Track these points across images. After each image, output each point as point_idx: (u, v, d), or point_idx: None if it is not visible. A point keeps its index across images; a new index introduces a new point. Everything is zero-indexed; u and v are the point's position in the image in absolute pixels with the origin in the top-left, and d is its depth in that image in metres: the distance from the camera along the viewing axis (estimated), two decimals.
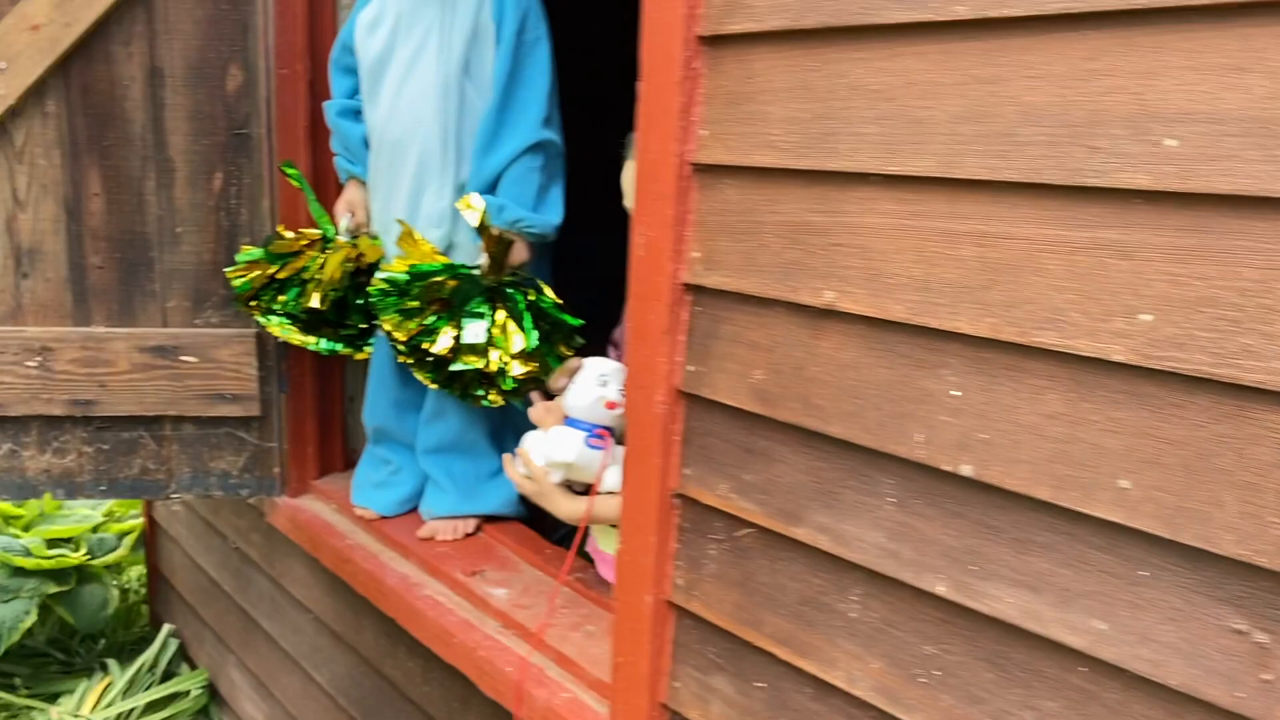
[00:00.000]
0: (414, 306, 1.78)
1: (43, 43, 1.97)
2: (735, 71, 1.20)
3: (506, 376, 1.81)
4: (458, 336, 1.77)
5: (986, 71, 0.97)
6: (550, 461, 1.57)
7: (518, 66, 1.82)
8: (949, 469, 1.04)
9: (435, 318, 1.80)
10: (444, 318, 1.80)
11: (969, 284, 1.00)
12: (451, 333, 1.78)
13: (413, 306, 1.78)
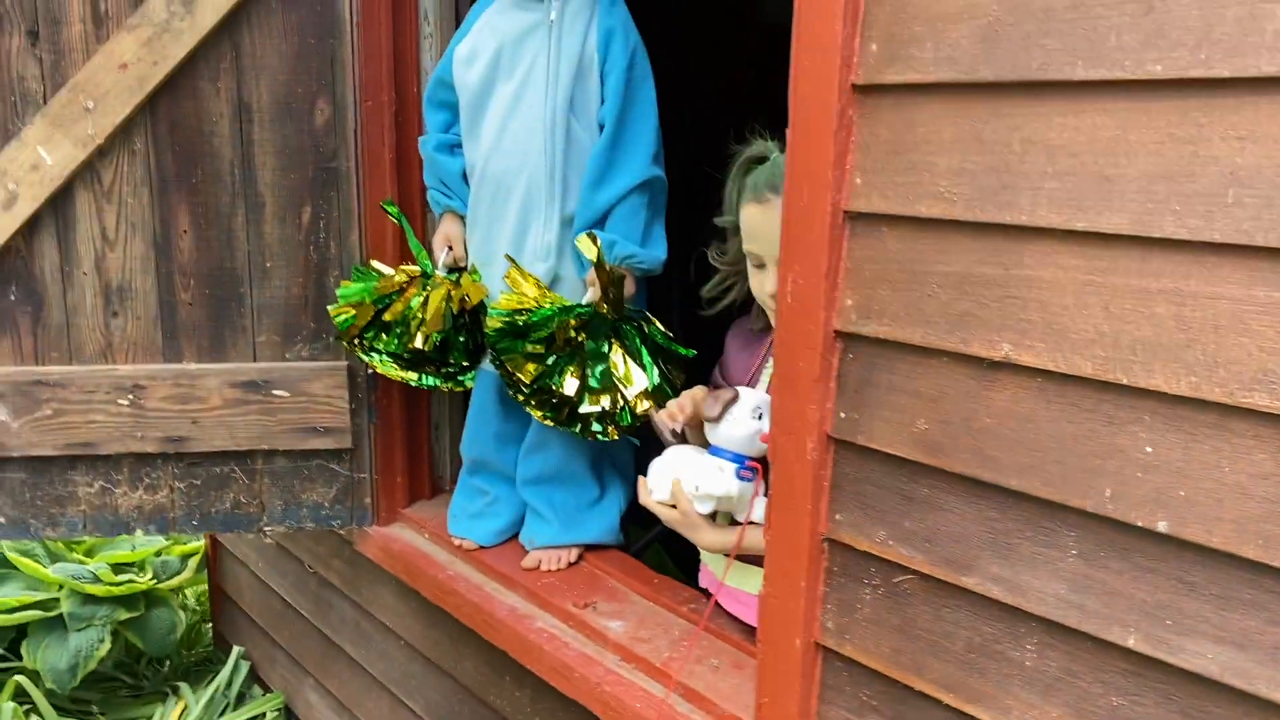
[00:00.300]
0: (537, 350, 1.77)
1: (131, 81, 1.97)
2: (894, 121, 1.20)
3: (627, 413, 1.81)
4: (584, 377, 1.77)
5: (1185, 131, 0.97)
6: (704, 493, 1.56)
7: (628, 103, 1.82)
8: (1142, 524, 1.04)
9: (556, 358, 1.79)
10: (564, 357, 1.80)
11: (1165, 342, 1.00)
12: (577, 374, 1.78)
13: (536, 350, 1.77)
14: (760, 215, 1.59)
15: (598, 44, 1.84)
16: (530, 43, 1.86)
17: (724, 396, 1.56)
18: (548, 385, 1.82)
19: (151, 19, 1.94)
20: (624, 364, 1.86)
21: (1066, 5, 1.03)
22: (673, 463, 1.63)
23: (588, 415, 1.84)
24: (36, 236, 2.03)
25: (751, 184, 1.60)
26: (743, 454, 1.58)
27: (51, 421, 2.10)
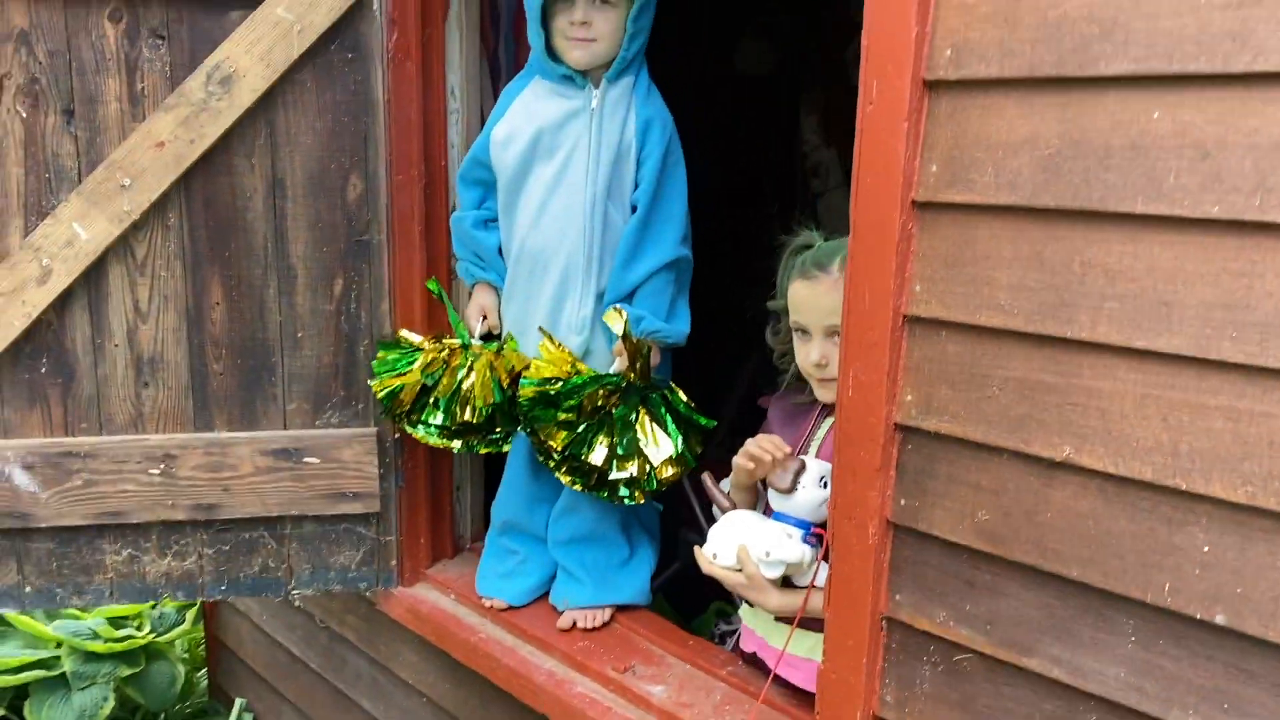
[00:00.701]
0: (569, 418, 1.84)
1: (167, 159, 2.00)
2: (954, 236, 1.30)
3: (653, 478, 1.89)
4: (613, 445, 1.85)
5: (1240, 266, 1.08)
6: (776, 559, 1.64)
7: (661, 187, 1.90)
8: (1200, 616, 1.14)
9: (586, 426, 1.86)
10: (594, 425, 1.87)
11: (1222, 454, 1.11)
12: (606, 441, 1.85)
13: (567, 418, 1.84)
14: (806, 289, 1.71)
15: (636, 132, 1.92)
16: (571, 128, 1.93)
17: (793, 466, 1.64)
18: (577, 453, 1.89)
19: (189, 99, 1.97)
20: (650, 431, 1.93)
21: (1126, 145, 1.14)
22: (737, 528, 1.70)
23: (616, 481, 1.91)
24: (69, 310, 2.05)
25: (799, 264, 1.73)
26: (808, 520, 1.66)
27: (81, 492, 2.11)
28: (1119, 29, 1.13)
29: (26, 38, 1.93)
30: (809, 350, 1.70)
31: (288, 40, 1.98)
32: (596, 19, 1.88)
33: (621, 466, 1.86)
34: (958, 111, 1.27)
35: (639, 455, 1.88)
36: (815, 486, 1.65)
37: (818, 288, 1.68)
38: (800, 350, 1.74)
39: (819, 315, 1.68)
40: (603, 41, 1.90)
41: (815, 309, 1.69)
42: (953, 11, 1.25)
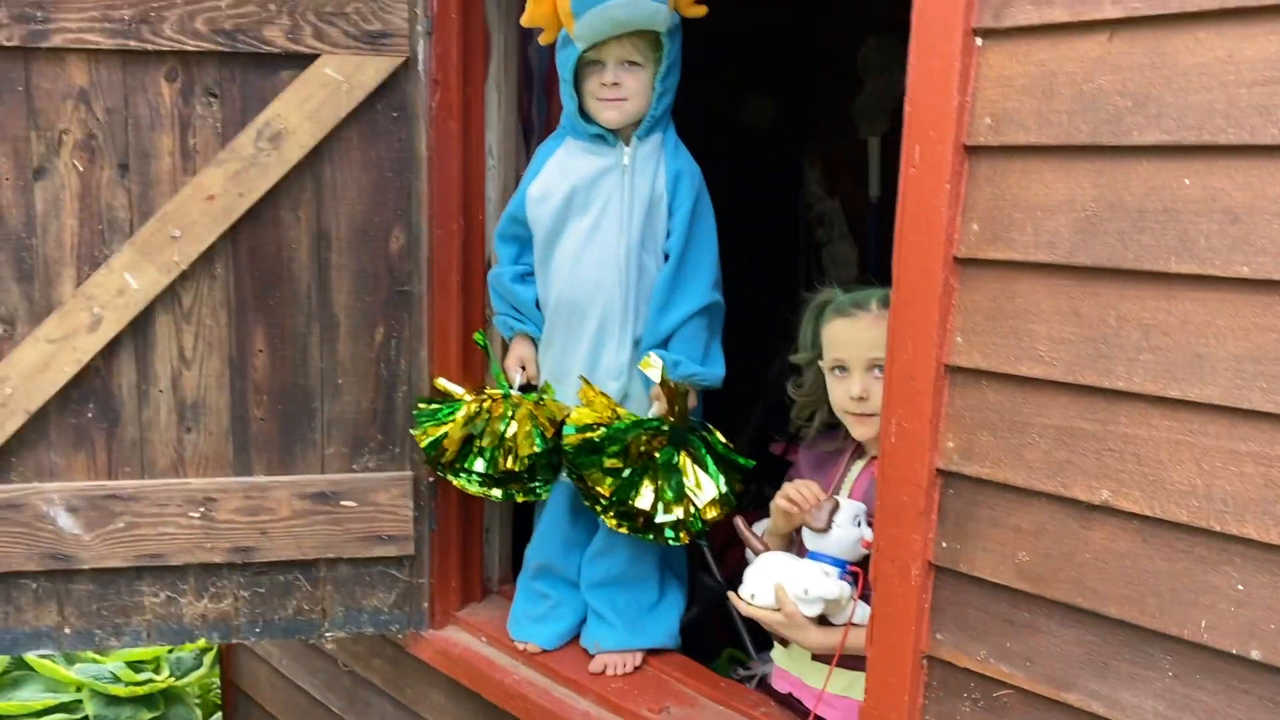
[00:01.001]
0: (615, 465, 1.91)
1: (216, 211, 2.07)
2: (994, 290, 1.38)
3: (697, 519, 1.95)
4: (659, 489, 1.91)
5: (1269, 321, 1.16)
6: (814, 596, 1.69)
7: (691, 236, 1.99)
8: (1235, 651, 1.21)
9: (632, 471, 1.93)
10: (639, 470, 1.93)
11: (1254, 497, 1.18)
12: (652, 486, 1.91)
13: (614, 465, 1.91)
14: (847, 326, 1.80)
15: (667, 184, 2.00)
16: (604, 184, 2.01)
17: (828, 506, 1.71)
18: (625, 498, 1.94)
19: (240, 154, 2.05)
20: (693, 473, 2.00)
21: (1159, 209, 1.22)
22: (774, 569, 1.76)
23: (663, 524, 1.97)
24: (116, 356, 2.11)
25: (835, 307, 1.82)
26: (843, 559, 1.72)
27: (123, 534, 2.15)
28: (1151, 102, 1.22)
29: (86, 95, 2.01)
30: (849, 385, 1.78)
31: (336, 99, 2.07)
32: (626, 79, 1.97)
33: (669, 510, 1.92)
34: (997, 175, 1.36)
35: (685, 498, 1.94)
36: (850, 525, 1.72)
37: (858, 324, 1.77)
38: (838, 388, 1.80)
39: (860, 349, 1.76)
40: (633, 100, 1.99)
41: (857, 343, 1.77)
42: (992, 84, 1.34)
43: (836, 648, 1.69)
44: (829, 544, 1.72)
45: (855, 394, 1.76)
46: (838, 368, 1.81)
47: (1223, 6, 1.16)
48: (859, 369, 1.77)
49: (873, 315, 1.75)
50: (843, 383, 1.80)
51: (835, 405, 1.83)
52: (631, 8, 1.84)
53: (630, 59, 1.95)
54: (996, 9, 1.33)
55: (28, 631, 2.18)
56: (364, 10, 2.05)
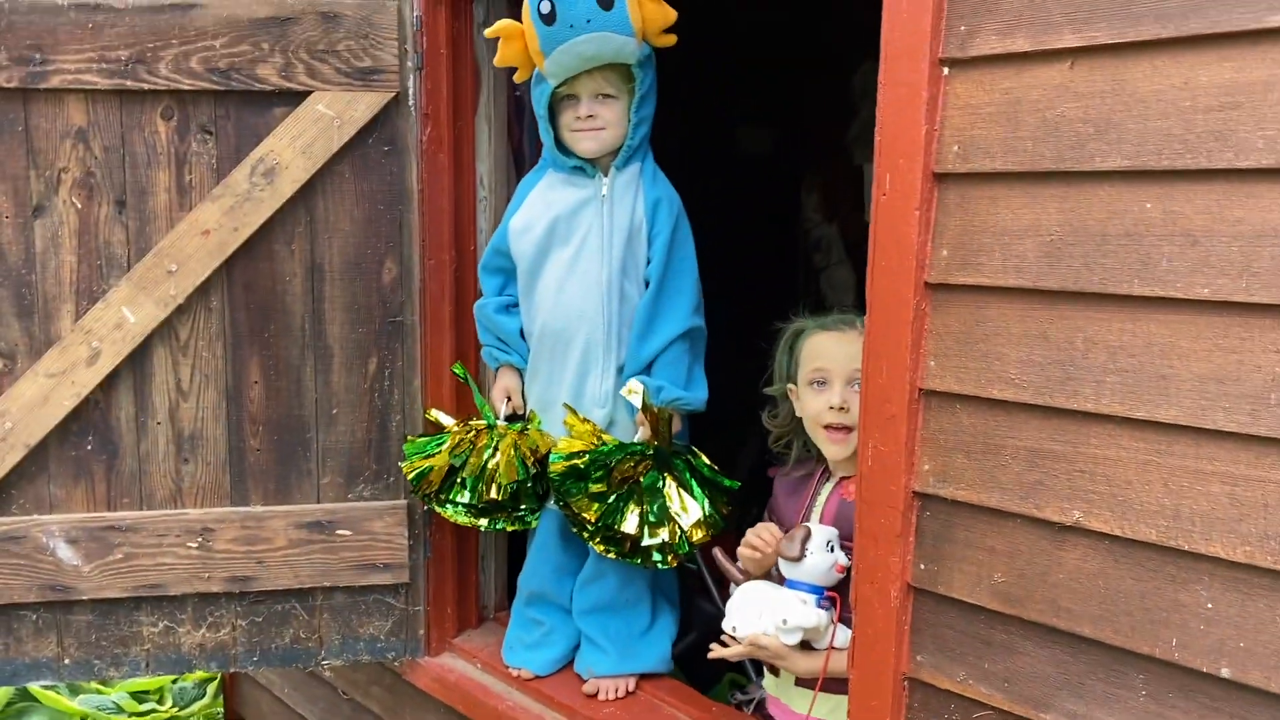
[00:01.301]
0: (600, 490, 1.93)
1: (211, 246, 2.11)
2: (965, 315, 1.40)
3: (684, 541, 1.97)
4: (643, 513, 1.93)
5: (1230, 343, 1.18)
6: (793, 626, 1.71)
7: (670, 262, 2.01)
8: (1206, 670, 1.22)
9: (616, 496, 1.95)
10: (624, 495, 1.95)
11: (1221, 516, 1.20)
12: (637, 510, 1.93)
13: (599, 490, 1.93)
14: (831, 339, 1.83)
15: (645, 212, 2.03)
16: (584, 214, 2.04)
17: (799, 535, 1.72)
18: (610, 523, 1.96)
19: (234, 190, 2.09)
20: (678, 496, 2.02)
21: (1122, 233, 1.25)
22: (753, 600, 1.77)
23: (649, 547, 1.98)
24: (115, 389, 2.14)
25: (818, 324, 1.86)
26: (820, 585, 1.73)
27: (122, 565, 2.18)
28: (1112, 128, 1.24)
29: (84, 134, 2.06)
30: (829, 396, 1.79)
31: (328, 134, 2.11)
32: (600, 110, 2.00)
33: (654, 533, 1.94)
34: (966, 201, 1.38)
35: (669, 521, 1.96)
36: (823, 551, 1.73)
37: (844, 337, 1.81)
38: (816, 400, 1.81)
39: (844, 361, 1.78)
40: (610, 129, 2.02)
41: (841, 355, 1.79)
42: (959, 112, 1.37)
43: (819, 673, 1.70)
44: (804, 571, 1.73)
45: (835, 404, 1.77)
46: (817, 381, 1.82)
47: (1178, 35, 1.18)
48: (840, 380, 1.79)
49: (857, 331, 1.78)
50: (822, 395, 1.81)
51: (810, 420, 1.84)
52: (598, 43, 1.87)
53: (603, 91, 1.98)
54: (962, 39, 1.36)
55: (27, 662, 2.20)
56: (355, 48, 2.09)
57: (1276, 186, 1.13)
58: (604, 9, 1.83)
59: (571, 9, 1.82)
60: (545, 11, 1.84)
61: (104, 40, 2.02)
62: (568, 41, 1.86)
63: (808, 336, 1.86)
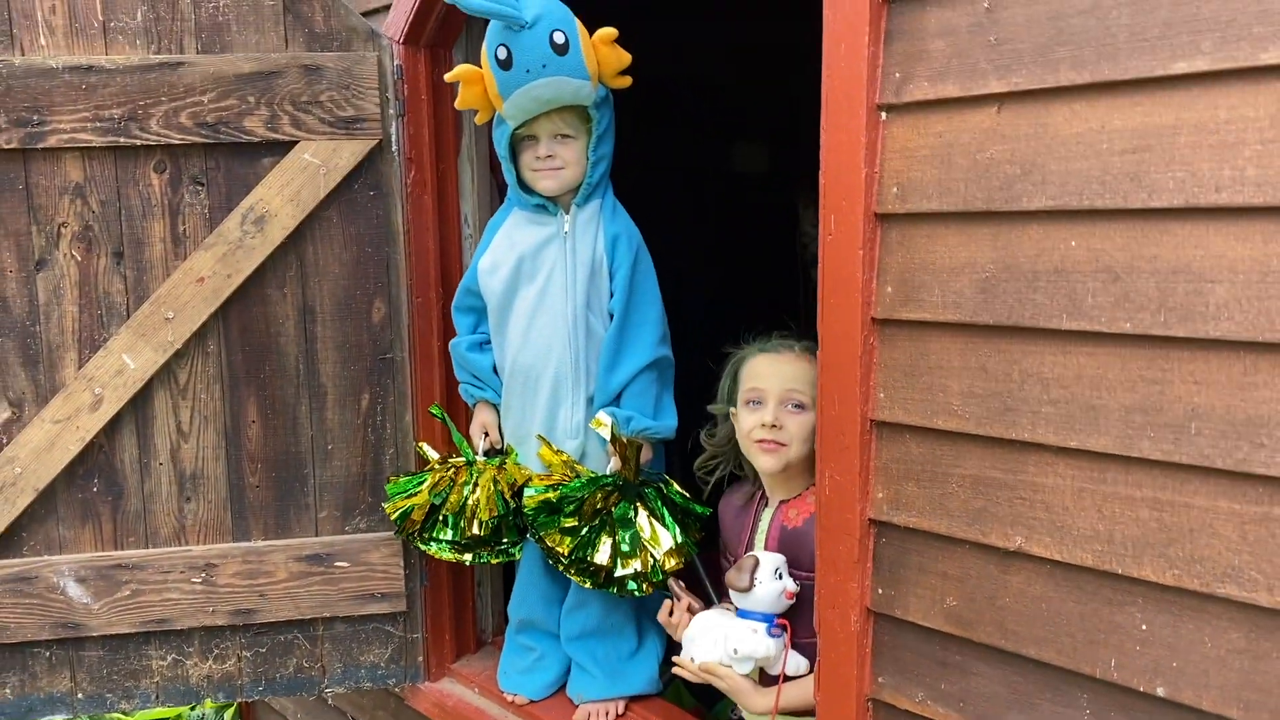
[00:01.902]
0: (572, 524, 1.99)
1: (207, 293, 2.19)
2: (910, 349, 1.45)
3: (657, 570, 2.02)
4: (615, 544, 1.99)
5: (1153, 374, 1.23)
6: (743, 655, 1.76)
7: (633, 294, 2.07)
8: (1143, 690, 1.27)
9: (589, 528, 2.01)
10: (596, 527, 2.01)
11: (1150, 540, 1.24)
12: (609, 541, 1.99)
13: (571, 524, 1.99)
14: (768, 361, 1.89)
15: (606, 248, 2.08)
16: (548, 252, 2.10)
17: (747, 565, 1.77)
18: (583, 556, 2.02)
19: (227, 238, 2.18)
20: (649, 526, 2.07)
21: (1050, 269, 1.30)
22: (708, 629, 1.83)
23: (623, 577, 2.04)
24: (118, 433, 2.23)
25: (758, 347, 1.93)
26: (771, 613, 1.78)
27: (130, 601, 2.26)
28: (1036, 170, 1.30)
29: (81, 190, 2.15)
30: (760, 415, 1.84)
31: (315, 182, 2.19)
32: (559, 150, 2.05)
33: (625, 564, 2.00)
34: (906, 239, 1.44)
35: (642, 550, 2.01)
36: (771, 579, 1.78)
37: (780, 359, 1.87)
38: (750, 418, 1.86)
39: (778, 381, 1.84)
40: (569, 168, 2.07)
41: (776, 375, 1.85)
42: (896, 155, 1.43)
43: (773, 709, 1.75)
44: (755, 601, 1.78)
45: (767, 420, 1.82)
46: (753, 400, 1.87)
47: (1093, 80, 1.24)
48: (774, 399, 1.84)
49: (794, 353, 1.85)
50: (755, 413, 1.86)
51: (743, 437, 1.89)
52: (554, 87, 1.94)
53: (561, 132, 2.04)
54: (897, 85, 1.42)
55: (42, 698, 2.29)
56: (338, 98, 2.17)
57: (1186, 225, 1.18)
58: (559, 54, 1.89)
59: (527, 54, 1.89)
60: (502, 57, 1.91)
61: (97, 100, 2.11)
62: (524, 86, 1.93)
63: (748, 359, 1.92)
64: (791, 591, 1.78)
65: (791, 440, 1.82)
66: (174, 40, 2.13)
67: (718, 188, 4.41)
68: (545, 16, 1.89)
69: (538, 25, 1.89)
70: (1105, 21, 1.22)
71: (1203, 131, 1.16)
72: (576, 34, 1.92)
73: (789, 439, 1.81)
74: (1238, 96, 1.14)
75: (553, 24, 1.90)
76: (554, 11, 1.92)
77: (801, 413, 1.82)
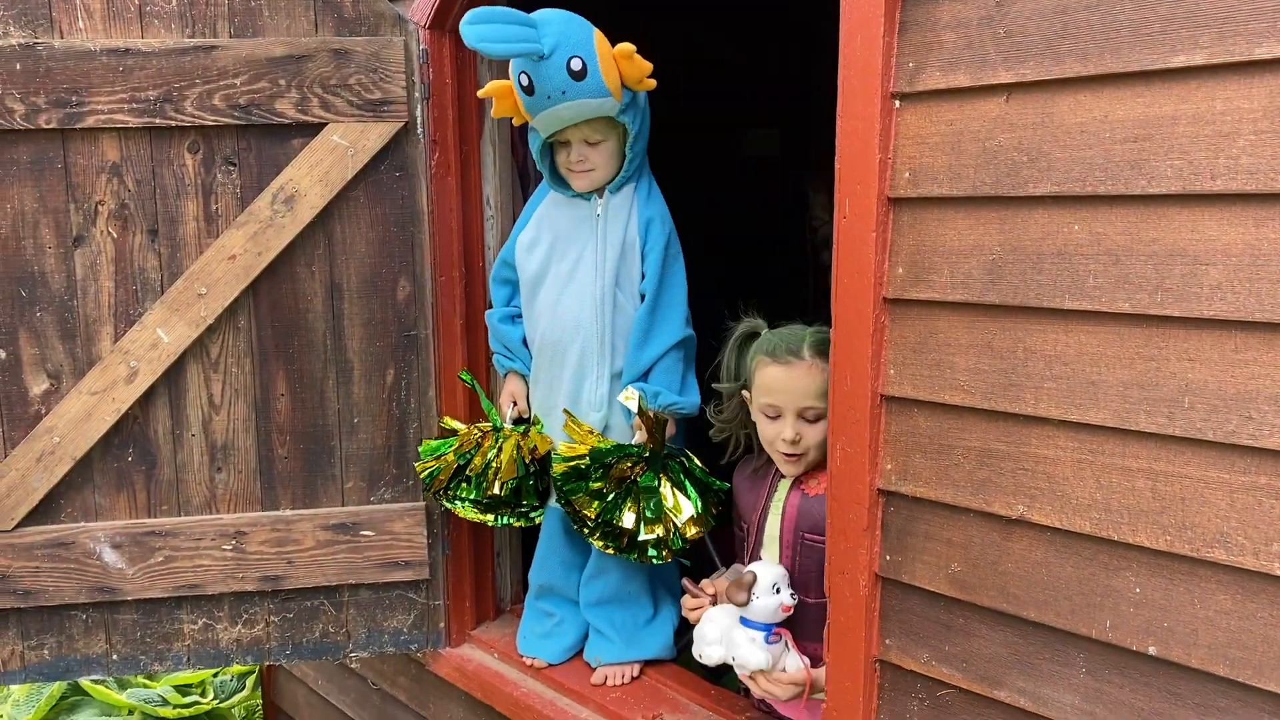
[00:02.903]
0: (599, 488, 2.07)
1: (238, 270, 2.27)
2: (919, 327, 1.52)
3: (678, 537, 2.10)
4: (640, 510, 2.07)
5: (1149, 351, 1.30)
6: (740, 664, 1.84)
7: (664, 277, 2.15)
8: (1136, 649, 1.34)
9: (615, 494, 2.09)
10: (622, 494, 2.09)
11: (1145, 509, 1.32)
12: (635, 507, 2.07)
13: (598, 488, 2.07)
14: (782, 373, 1.91)
15: (639, 230, 2.16)
16: (581, 232, 2.18)
17: (745, 581, 1.83)
18: (609, 519, 2.10)
19: (257, 216, 2.25)
20: (672, 495, 2.15)
21: (1054, 252, 1.37)
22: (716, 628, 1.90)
23: (645, 543, 2.12)
24: (152, 405, 2.31)
25: (768, 349, 1.93)
26: (769, 624, 1.85)
27: (163, 567, 2.35)
28: (1042, 157, 1.37)
29: (118, 169, 2.22)
30: (782, 429, 1.90)
31: (343, 163, 2.26)
32: (589, 154, 2.13)
33: (649, 529, 2.08)
34: (917, 223, 1.51)
35: (664, 518, 2.10)
36: (768, 594, 1.84)
37: (793, 372, 1.88)
38: (770, 429, 1.93)
39: (794, 397, 1.88)
40: (600, 170, 2.15)
41: (790, 391, 1.88)
42: (909, 142, 1.50)
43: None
44: (753, 612, 1.84)
45: (788, 437, 1.88)
46: (769, 415, 1.92)
47: (1098, 72, 1.30)
48: (791, 414, 1.89)
49: (806, 364, 1.86)
50: (775, 425, 1.92)
51: (765, 442, 1.95)
52: (575, 109, 2.01)
53: (591, 139, 2.11)
54: (910, 74, 1.49)
55: (79, 659, 2.38)
56: (365, 81, 2.24)
57: (1183, 210, 1.25)
58: (577, 80, 1.96)
59: (547, 83, 1.96)
60: (524, 84, 1.98)
61: (134, 82, 2.18)
62: (546, 110, 2.00)
63: (759, 363, 1.93)
64: (788, 605, 1.84)
65: (810, 448, 1.89)
66: (208, 24, 2.20)
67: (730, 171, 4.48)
68: (561, 45, 1.95)
69: (555, 55, 1.94)
70: (1109, 16, 1.29)
71: (1200, 122, 1.23)
72: (594, 56, 1.97)
73: (807, 448, 1.88)
74: (1233, 89, 1.20)
75: (570, 51, 1.95)
76: (571, 36, 1.96)
77: (817, 422, 1.87)
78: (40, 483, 2.28)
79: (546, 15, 1.98)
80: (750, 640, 1.85)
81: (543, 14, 1.98)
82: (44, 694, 3.17)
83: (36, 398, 2.27)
